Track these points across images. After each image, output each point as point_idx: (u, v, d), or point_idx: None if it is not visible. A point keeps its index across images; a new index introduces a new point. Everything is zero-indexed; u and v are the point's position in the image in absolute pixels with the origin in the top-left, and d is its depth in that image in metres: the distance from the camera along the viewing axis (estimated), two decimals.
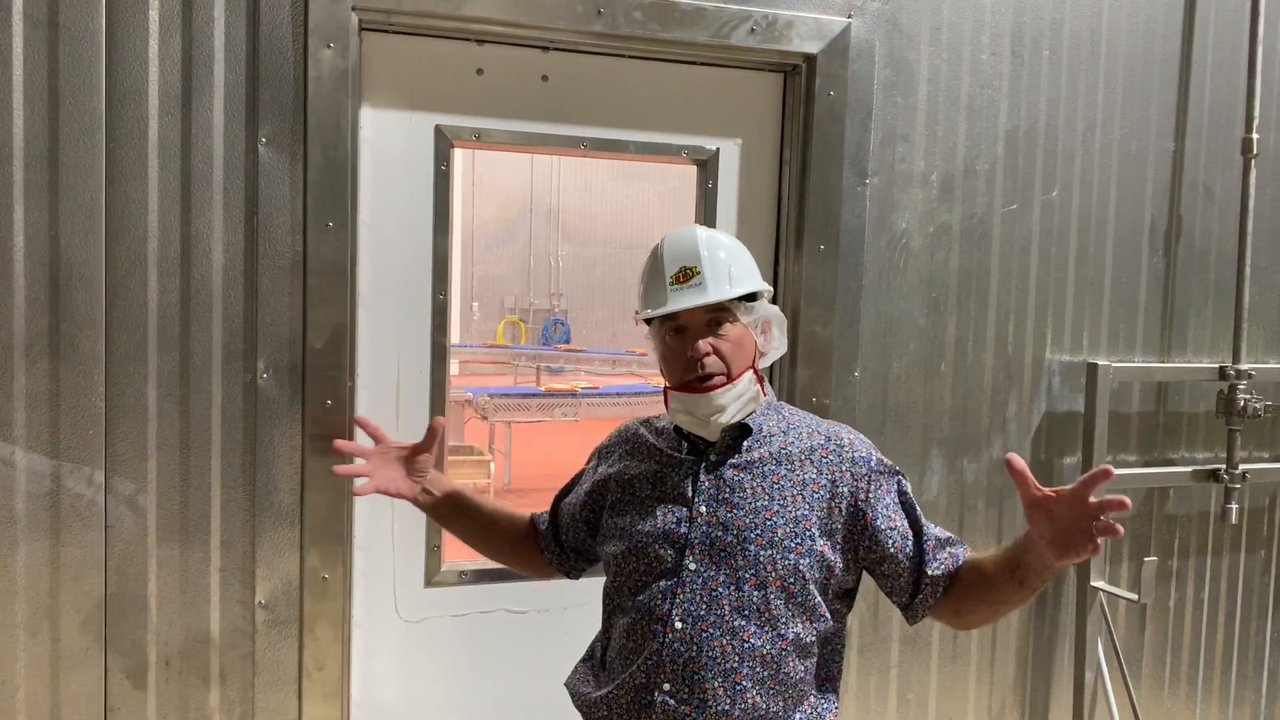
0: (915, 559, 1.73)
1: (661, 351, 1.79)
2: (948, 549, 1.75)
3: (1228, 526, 3.01)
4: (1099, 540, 1.48)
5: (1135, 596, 2.70)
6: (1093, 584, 2.77)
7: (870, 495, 1.73)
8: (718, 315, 1.73)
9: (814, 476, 1.73)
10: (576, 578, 2.04)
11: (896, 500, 1.76)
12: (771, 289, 1.86)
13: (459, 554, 2.47)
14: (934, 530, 1.77)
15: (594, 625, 2.11)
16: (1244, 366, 2.89)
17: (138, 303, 2.07)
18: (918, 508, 1.78)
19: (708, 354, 1.71)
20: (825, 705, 1.77)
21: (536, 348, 13.27)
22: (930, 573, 1.73)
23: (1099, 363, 2.77)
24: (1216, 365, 2.92)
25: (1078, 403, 2.81)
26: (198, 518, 2.13)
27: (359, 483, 1.94)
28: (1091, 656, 2.80)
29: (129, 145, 2.05)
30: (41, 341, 2.03)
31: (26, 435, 2.03)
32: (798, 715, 1.72)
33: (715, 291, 1.71)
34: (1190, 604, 3.02)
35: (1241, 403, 2.86)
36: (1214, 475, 2.94)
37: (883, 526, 1.73)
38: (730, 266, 1.75)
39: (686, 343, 1.73)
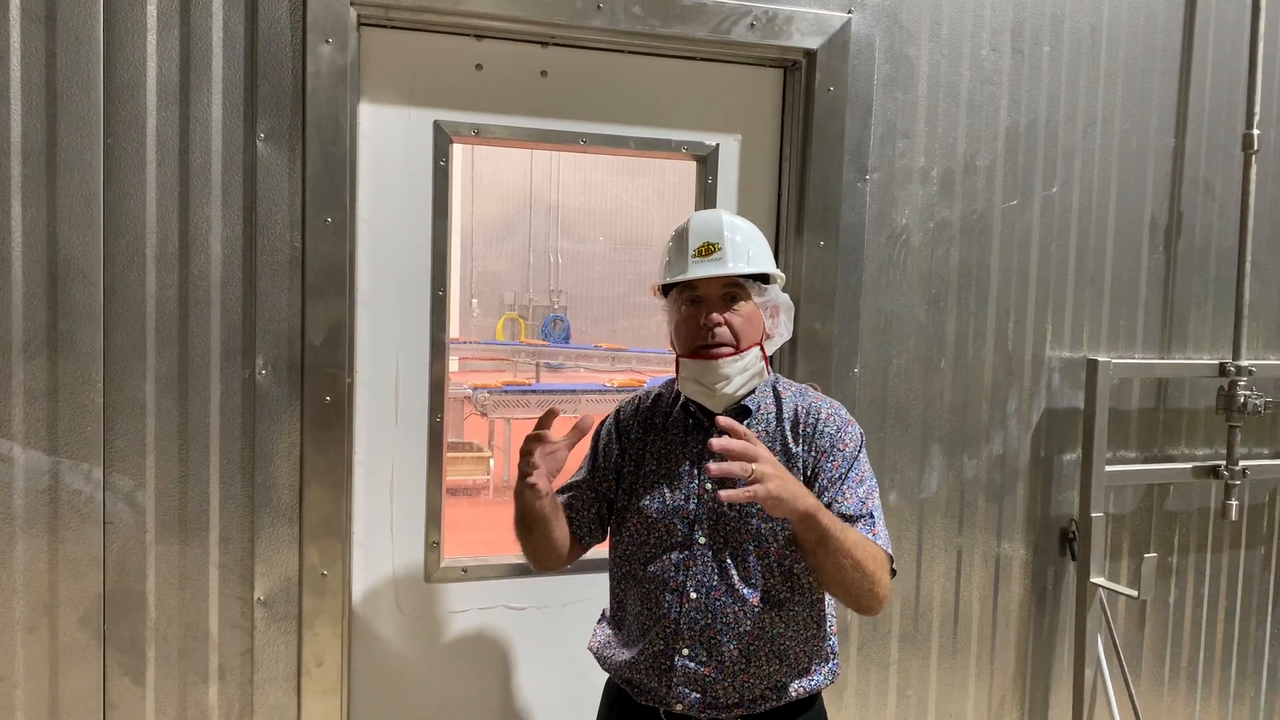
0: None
1: (676, 321, 1.90)
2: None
3: (1228, 523, 3.01)
4: (737, 486, 1.61)
5: (1135, 593, 2.70)
6: (1092, 580, 2.77)
7: (819, 466, 1.85)
8: (733, 291, 1.86)
9: (797, 450, 1.86)
10: (587, 548, 2.01)
11: (841, 474, 1.84)
12: (784, 277, 1.95)
13: (458, 550, 2.47)
14: (849, 508, 1.81)
15: (592, 622, 2.11)
16: (1244, 363, 2.89)
17: (136, 298, 2.07)
18: (860, 485, 1.83)
19: (719, 324, 1.83)
20: (828, 666, 1.90)
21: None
22: None
23: (1099, 359, 2.77)
24: (1217, 361, 2.92)
25: (1078, 399, 2.81)
26: (196, 514, 2.13)
27: (536, 479, 1.80)
28: (1091, 653, 2.80)
29: (127, 141, 2.04)
30: (39, 337, 2.02)
31: (24, 431, 2.03)
32: (800, 669, 1.85)
33: (734, 266, 1.84)
34: (1190, 600, 3.02)
35: (1242, 399, 2.86)
36: (1214, 472, 2.94)
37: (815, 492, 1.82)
38: (749, 248, 1.88)
39: (701, 312, 1.85)
